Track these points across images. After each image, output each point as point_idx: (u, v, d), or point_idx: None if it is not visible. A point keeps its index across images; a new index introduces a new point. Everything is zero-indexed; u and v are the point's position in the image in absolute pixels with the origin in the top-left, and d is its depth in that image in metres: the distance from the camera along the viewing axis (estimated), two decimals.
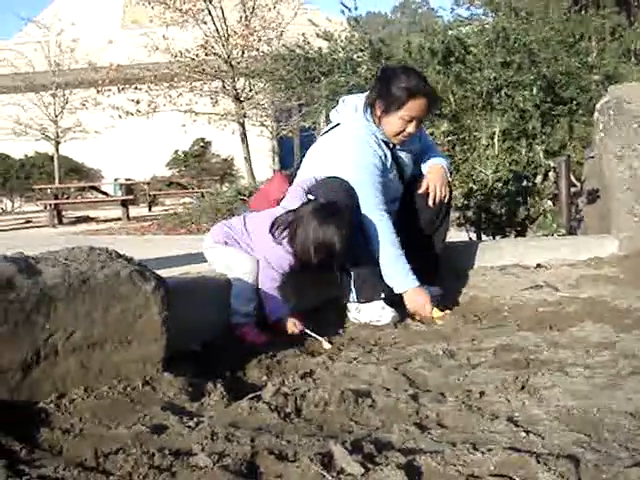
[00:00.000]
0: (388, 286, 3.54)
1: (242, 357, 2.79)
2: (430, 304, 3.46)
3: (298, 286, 3.40)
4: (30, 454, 1.85)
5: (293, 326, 3.13)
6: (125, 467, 1.76)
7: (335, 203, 3.21)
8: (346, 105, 3.78)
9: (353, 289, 3.47)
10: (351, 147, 3.60)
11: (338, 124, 3.77)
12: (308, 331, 3.12)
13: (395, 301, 3.52)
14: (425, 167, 3.84)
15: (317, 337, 3.10)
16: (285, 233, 3.16)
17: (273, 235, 3.17)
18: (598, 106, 4.55)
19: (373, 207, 3.50)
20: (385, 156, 3.65)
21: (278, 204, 3.49)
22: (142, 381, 2.30)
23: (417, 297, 3.49)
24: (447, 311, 3.51)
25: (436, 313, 3.45)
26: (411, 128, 3.60)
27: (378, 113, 3.63)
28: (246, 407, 2.16)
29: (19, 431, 1.94)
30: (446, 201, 3.78)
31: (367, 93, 3.75)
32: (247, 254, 3.24)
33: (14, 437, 1.89)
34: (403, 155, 3.78)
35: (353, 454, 1.74)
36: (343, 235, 3.10)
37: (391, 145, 3.69)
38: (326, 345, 3.04)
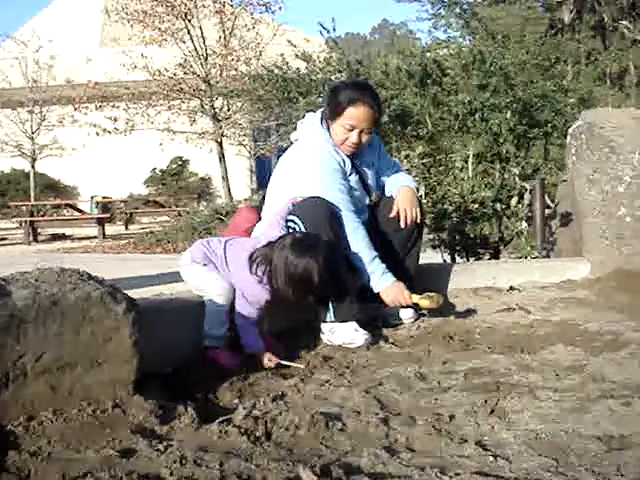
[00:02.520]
0: (363, 308, 3.56)
1: (214, 380, 2.78)
2: (407, 292, 3.55)
3: (271, 308, 3.41)
4: None
5: (268, 361, 3.08)
6: None
7: (312, 235, 3.22)
8: (303, 122, 3.93)
9: (330, 308, 3.48)
10: (311, 154, 3.71)
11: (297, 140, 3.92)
12: (284, 362, 3.10)
13: (369, 323, 3.54)
14: (394, 190, 3.89)
15: (294, 365, 3.09)
16: (263, 268, 3.14)
17: (252, 272, 3.15)
18: (570, 130, 4.60)
19: (343, 209, 3.57)
20: (344, 162, 3.74)
21: (248, 234, 3.54)
22: (112, 404, 2.29)
23: (393, 291, 3.57)
24: (428, 294, 3.59)
25: (415, 298, 3.55)
26: (353, 137, 3.69)
27: (328, 121, 3.76)
28: (216, 431, 2.15)
29: None
30: (418, 221, 3.82)
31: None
32: (221, 276, 3.23)
33: None
34: (363, 165, 3.89)
35: (322, 479, 1.74)
36: (321, 268, 3.06)
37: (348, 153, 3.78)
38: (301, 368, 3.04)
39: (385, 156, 4.12)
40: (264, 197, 3.89)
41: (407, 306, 3.67)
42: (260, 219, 3.71)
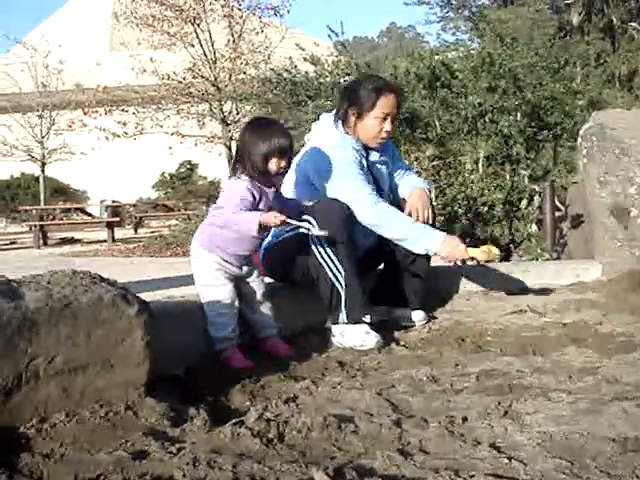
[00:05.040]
0: (375, 310, 3.55)
1: (225, 382, 2.77)
2: (464, 246, 3.55)
3: (283, 310, 3.40)
4: (10, 479, 1.83)
5: (274, 218, 3.09)
6: None
7: (264, 117, 3.37)
8: (317, 124, 3.94)
9: (343, 309, 3.46)
10: (327, 148, 3.69)
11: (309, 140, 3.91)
12: (291, 220, 3.17)
13: (380, 325, 3.53)
14: (406, 191, 3.89)
15: (302, 225, 3.21)
16: (240, 165, 3.20)
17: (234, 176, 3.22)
18: (581, 132, 4.59)
19: (366, 196, 3.59)
20: (360, 159, 3.75)
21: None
22: (124, 406, 2.28)
23: (449, 245, 3.55)
24: (483, 247, 3.63)
25: (472, 251, 3.56)
26: (387, 126, 3.73)
27: (352, 120, 3.75)
28: (228, 433, 2.14)
29: None
30: (430, 222, 3.82)
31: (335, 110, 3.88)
32: (224, 279, 3.22)
33: None
34: (377, 165, 3.86)
35: None
36: (285, 131, 3.22)
37: (365, 154, 3.77)
38: (317, 231, 3.21)
39: (398, 159, 4.12)
40: None
41: (463, 262, 3.67)
42: None
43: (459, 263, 3.64)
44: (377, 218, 3.58)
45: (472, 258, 3.59)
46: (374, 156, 3.84)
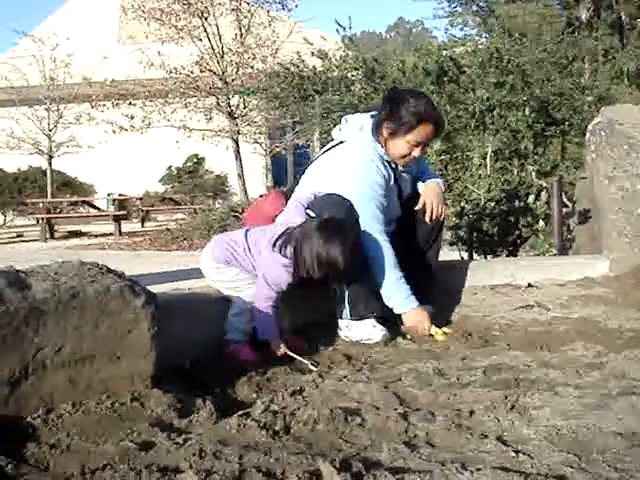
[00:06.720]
0: (382, 305, 3.54)
1: (232, 374, 2.78)
2: (428, 322, 3.46)
3: (290, 303, 3.39)
4: (17, 469, 1.84)
5: (278, 349, 3.09)
6: None
7: (340, 220, 3.20)
8: (350, 124, 3.79)
9: (347, 305, 3.46)
10: (356, 164, 3.60)
11: (341, 142, 3.77)
12: (292, 354, 3.09)
13: (388, 318, 3.52)
14: (421, 185, 3.86)
15: (302, 360, 3.06)
16: (289, 249, 3.11)
17: (277, 250, 3.12)
18: (590, 127, 4.56)
19: (374, 226, 3.50)
20: (388, 176, 3.67)
21: (273, 221, 3.46)
22: (130, 397, 2.29)
23: (416, 317, 3.48)
24: (446, 329, 3.48)
25: (434, 330, 3.45)
26: (417, 152, 3.64)
27: (385, 134, 3.64)
28: (235, 424, 2.14)
29: (6, 446, 1.93)
30: (442, 217, 3.80)
31: (373, 113, 3.75)
32: (251, 277, 3.21)
33: (0, 452, 1.87)
34: (404, 176, 3.80)
35: (341, 472, 1.73)
36: (347, 253, 3.06)
37: (394, 165, 3.71)
38: (312, 367, 3.01)
39: (423, 161, 4.06)
40: (293, 190, 3.80)
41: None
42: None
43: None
44: (373, 250, 3.49)
45: (431, 335, 3.48)
46: (400, 167, 3.77)
